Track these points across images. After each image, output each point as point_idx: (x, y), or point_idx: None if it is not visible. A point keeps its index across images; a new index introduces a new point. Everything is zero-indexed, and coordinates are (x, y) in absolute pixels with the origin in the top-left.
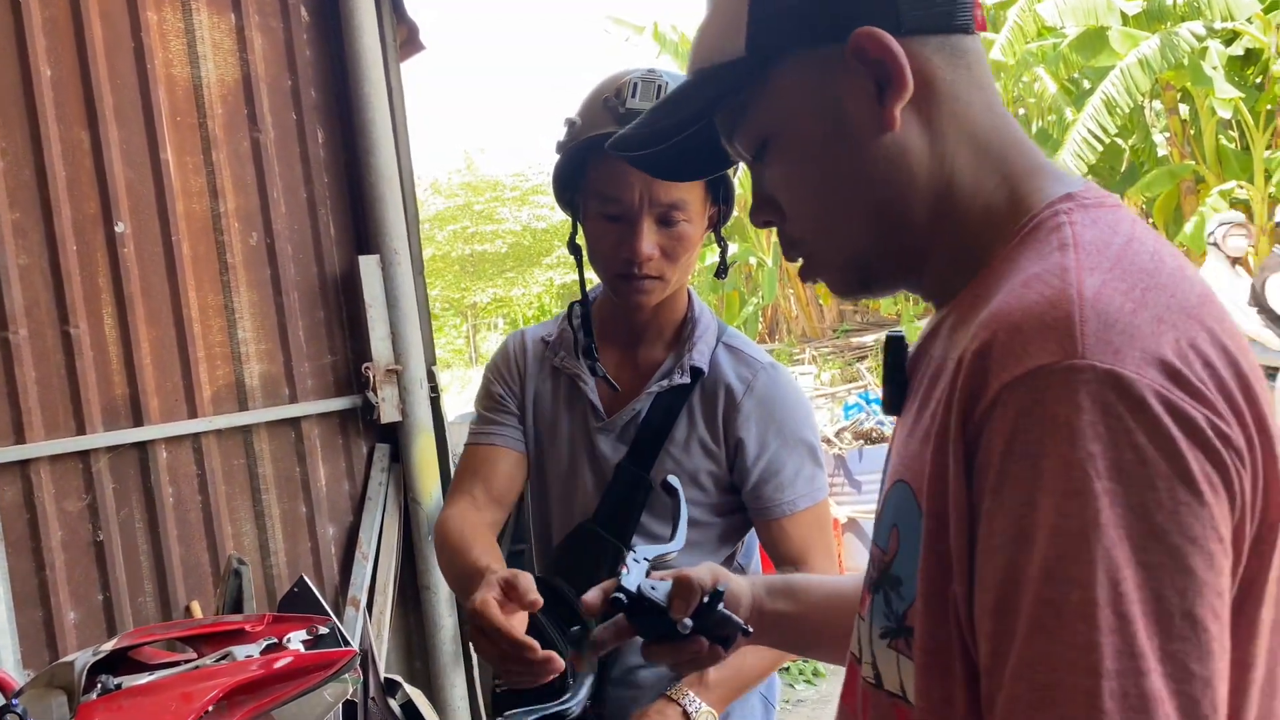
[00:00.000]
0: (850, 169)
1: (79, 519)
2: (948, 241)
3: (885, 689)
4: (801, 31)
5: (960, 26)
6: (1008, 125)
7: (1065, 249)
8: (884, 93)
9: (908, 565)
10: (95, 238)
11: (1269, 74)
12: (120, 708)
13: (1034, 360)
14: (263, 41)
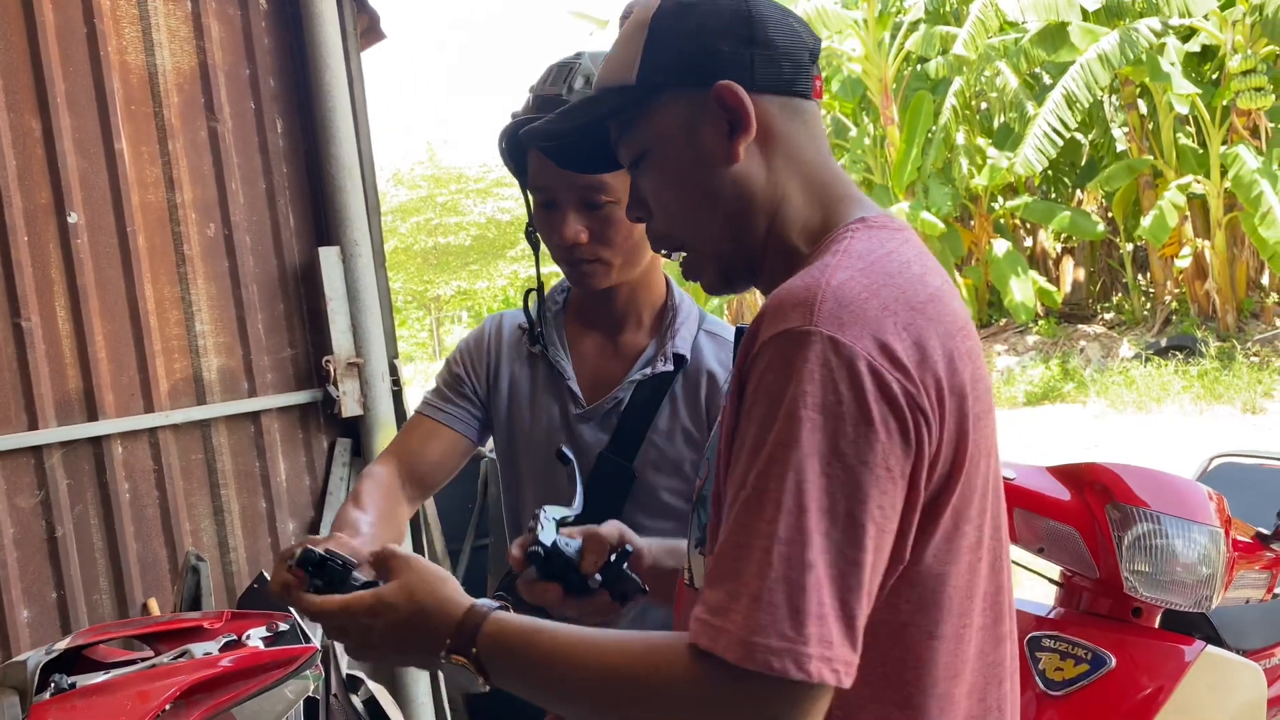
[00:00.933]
0: (704, 187)
1: (32, 516)
2: (776, 253)
3: (696, 587)
4: (680, 75)
5: (800, 92)
6: (831, 167)
7: (836, 254)
8: (734, 133)
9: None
10: (47, 228)
11: (1225, 70)
12: (74, 707)
13: (784, 325)
14: (220, 29)
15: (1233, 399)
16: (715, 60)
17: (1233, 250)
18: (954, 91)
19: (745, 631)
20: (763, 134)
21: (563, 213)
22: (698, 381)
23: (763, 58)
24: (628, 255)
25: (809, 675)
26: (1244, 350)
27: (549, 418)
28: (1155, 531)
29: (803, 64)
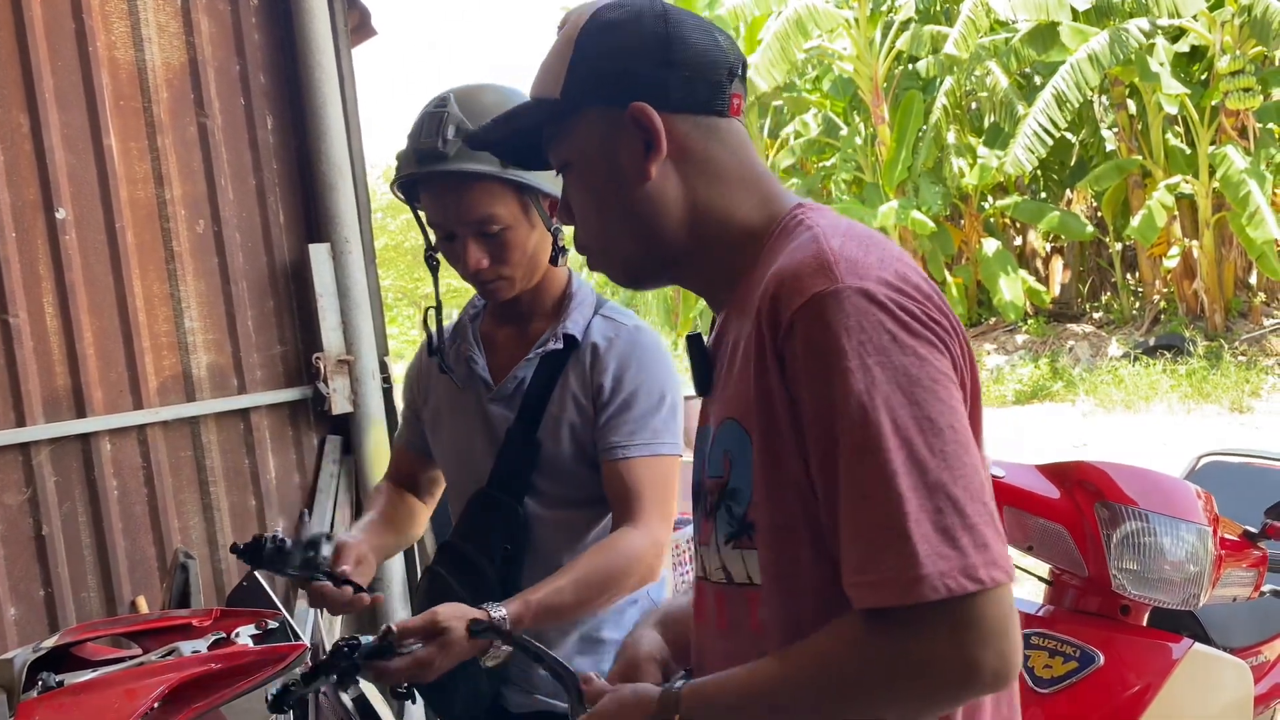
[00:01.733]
0: (618, 201)
1: (19, 513)
2: (710, 255)
3: (735, 583)
4: (599, 92)
5: (716, 111)
6: (755, 171)
7: (811, 229)
8: (648, 152)
9: (741, 476)
10: (35, 224)
11: (1213, 71)
12: (61, 705)
13: (810, 290)
14: (210, 24)
15: (1220, 398)
16: (632, 80)
17: (1221, 250)
18: (945, 91)
19: (907, 571)
20: (677, 152)
21: (463, 243)
22: (584, 353)
23: (677, 79)
24: (526, 269)
25: (983, 583)
26: (1231, 349)
27: (466, 406)
28: (1144, 530)
29: (718, 84)
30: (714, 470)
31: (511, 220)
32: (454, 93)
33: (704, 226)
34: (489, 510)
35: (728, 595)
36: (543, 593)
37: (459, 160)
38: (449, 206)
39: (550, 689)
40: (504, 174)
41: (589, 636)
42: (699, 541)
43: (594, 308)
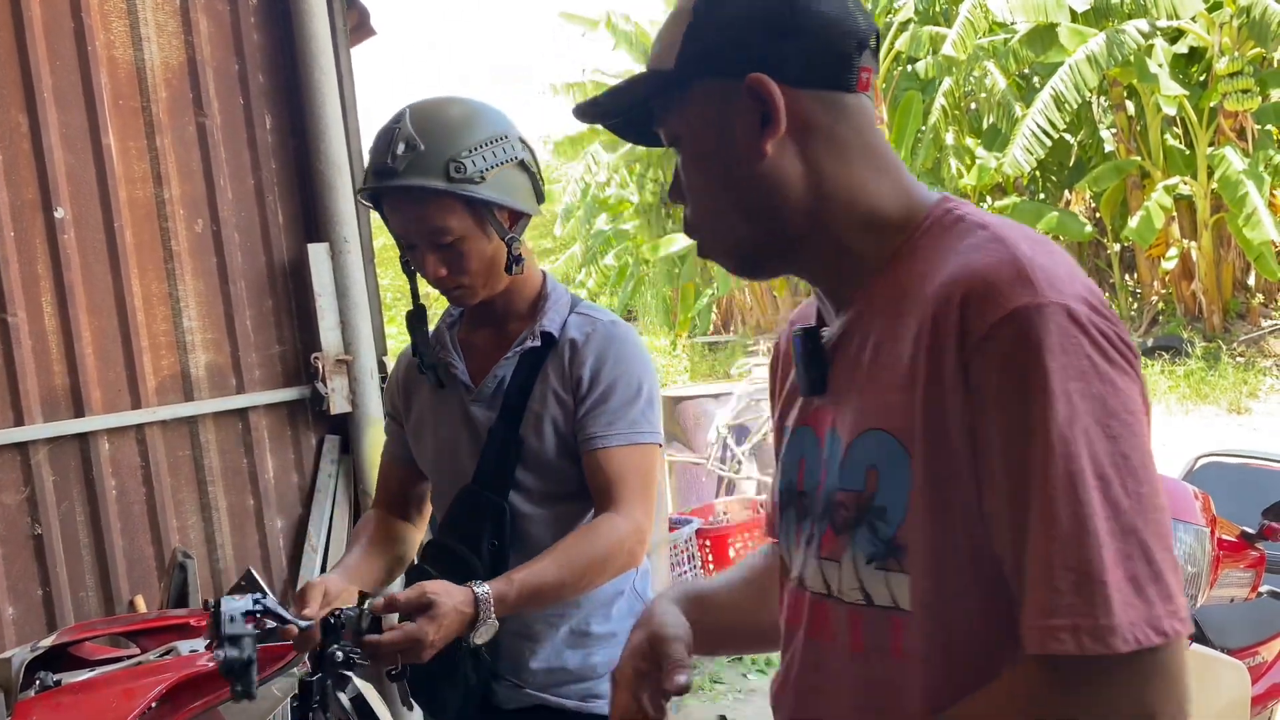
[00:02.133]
0: (732, 179)
1: (17, 512)
2: (835, 242)
3: (876, 605)
4: (716, 64)
5: (842, 86)
6: (885, 156)
7: (985, 228)
8: (764, 127)
9: (893, 494)
10: (34, 223)
11: (1212, 72)
12: (59, 705)
13: (1013, 303)
14: (208, 24)
15: (1218, 399)
16: (751, 52)
17: (1219, 251)
18: (943, 92)
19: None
20: (798, 130)
21: (421, 254)
22: (563, 349)
23: (800, 51)
24: (485, 277)
25: (1167, 635)
26: (1230, 350)
27: (449, 409)
28: None
29: (846, 57)
30: (850, 483)
31: (465, 231)
32: (410, 108)
33: (829, 210)
34: (475, 507)
35: (865, 618)
36: (526, 572)
37: (408, 176)
38: (404, 219)
39: (541, 682)
40: (451, 189)
41: (578, 630)
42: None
43: (570, 306)
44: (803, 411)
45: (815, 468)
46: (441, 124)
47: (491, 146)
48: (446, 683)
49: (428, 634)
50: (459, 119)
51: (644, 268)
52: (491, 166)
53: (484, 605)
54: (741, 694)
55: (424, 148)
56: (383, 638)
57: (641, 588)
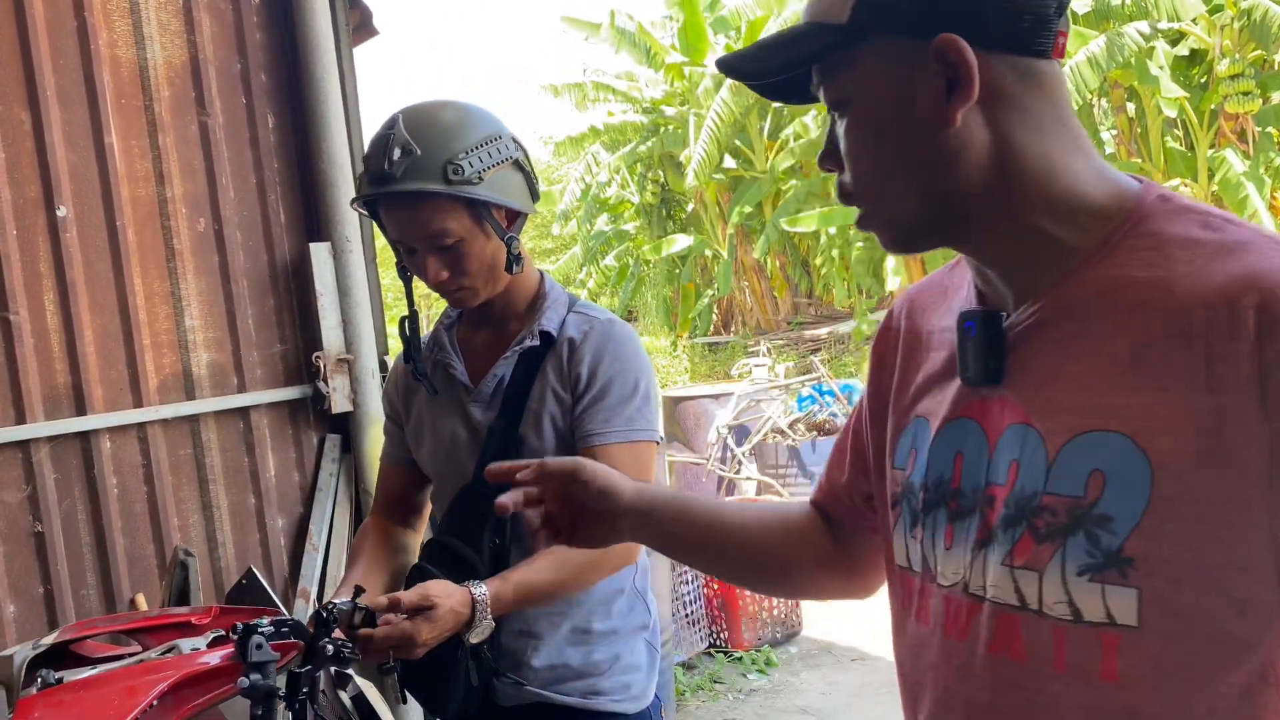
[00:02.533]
0: (909, 150)
1: (19, 510)
2: (1023, 218)
3: (1086, 621)
4: (898, 19)
5: (1037, 51)
6: (1076, 132)
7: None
8: (952, 93)
9: (1124, 502)
10: (36, 221)
11: (1213, 74)
12: (61, 702)
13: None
14: (211, 23)
15: None
16: (942, 7)
17: None
18: None
19: None
20: (988, 98)
21: (421, 258)
22: (561, 347)
23: (997, 9)
24: (486, 277)
25: None
26: None
27: (449, 410)
28: None
29: (1046, 18)
30: (1062, 487)
31: (465, 233)
32: (403, 113)
33: (1021, 187)
34: (475, 506)
35: (1071, 635)
36: (522, 572)
37: (406, 180)
38: (404, 224)
39: (543, 679)
40: (450, 191)
41: (579, 628)
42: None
43: (567, 306)
44: (959, 402)
45: (980, 466)
46: (436, 127)
47: (486, 147)
48: (447, 681)
49: (420, 631)
50: (452, 122)
51: (644, 268)
52: (488, 167)
53: (480, 606)
54: (742, 694)
55: (420, 152)
56: (375, 632)
57: (641, 585)
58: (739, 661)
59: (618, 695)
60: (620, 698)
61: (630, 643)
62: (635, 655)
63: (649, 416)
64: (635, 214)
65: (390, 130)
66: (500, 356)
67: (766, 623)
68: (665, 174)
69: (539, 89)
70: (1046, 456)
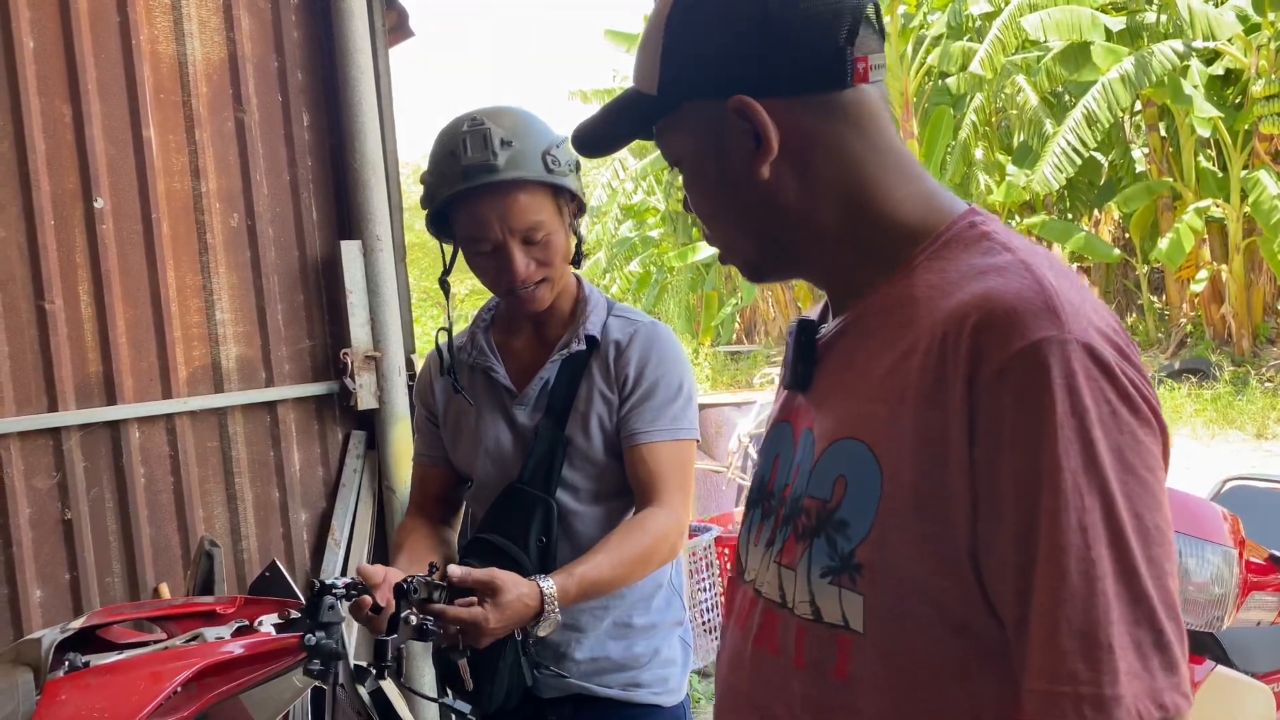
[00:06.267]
0: (732, 204)
1: (48, 497)
2: (845, 250)
3: (825, 621)
4: (699, 85)
5: (831, 85)
6: (901, 159)
7: (1010, 250)
8: (758, 148)
9: (859, 509)
10: (74, 213)
11: (1248, 94)
12: (88, 685)
13: (1034, 334)
14: (250, 21)
15: (1245, 424)
16: (730, 68)
17: (1250, 275)
18: (974, 107)
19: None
20: (793, 143)
21: (509, 253)
22: (607, 351)
23: (784, 58)
24: (560, 269)
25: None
26: (1259, 375)
27: (491, 413)
28: None
29: (836, 53)
30: (817, 490)
31: (552, 225)
32: (480, 112)
33: (837, 219)
34: (522, 504)
35: (811, 633)
36: (584, 567)
37: (509, 170)
38: (499, 216)
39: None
40: (550, 179)
41: (620, 621)
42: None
43: (607, 310)
44: (785, 407)
45: (787, 468)
46: (521, 123)
47: (562, 145)
48: (493, 673)
49: (490, 620)
50: (529, 120)
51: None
52: (571, 161)
53: (549, 600)
54: None
55: (518, 144)
56: (448, 608)
57: (677, 582)
58: None
59: (656, 688)
60: (659, 690)
61: (668, 637)
62: (672, 649)
63: (691, 416)
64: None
65: (479, 126)
66: (544, 360)
67: None
68: None
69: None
70: (813, 460)
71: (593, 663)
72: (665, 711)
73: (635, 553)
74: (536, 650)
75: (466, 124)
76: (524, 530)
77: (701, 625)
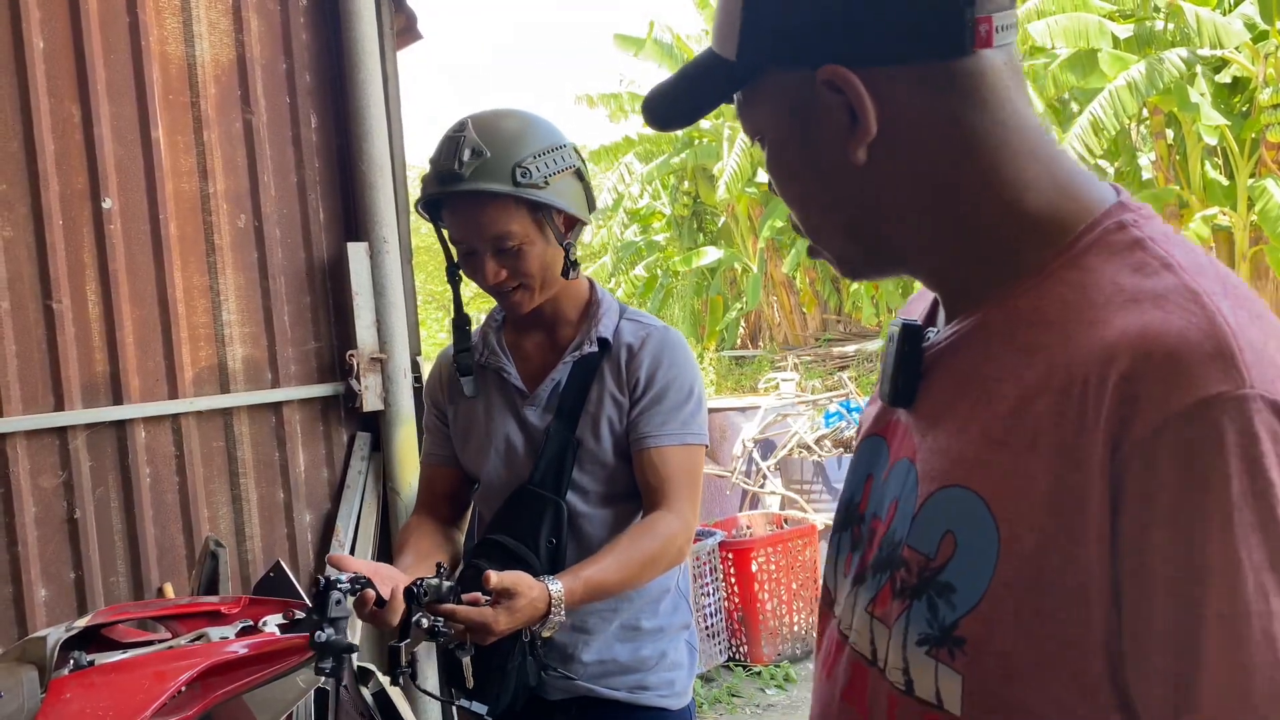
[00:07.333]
0: (821, 192)
1: (54, 496)
2: (959, 247)
3: (917, 696)
4: (783, 51)
5: (951, 53)
6: (1034, 137)
7: (1172, 270)
8: (854, 126)
9: (968, 574)
10: (82, 213)
11: (1255, 103)
12: (92, 684)
13: (1204, 390)
14: (259, 23)
15: None
16: (824, 32)
17: (1257, 283)
18: None
19: None
20: (897, 124)
21: (481, 259)
22: (619, 354)
23: (887, 21)
24: (542, 280)
25: None
26: None
27: (501, 412)
28: None
29: (952, 14)
30: (920, 543)
31: (526, 236)
32: (471, 118)
33: (952, 212)
34: (532, 506)
35: (902, 705)
36: (590, 569)
37: (474, 180)
38: (467, 224)
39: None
40: (517, 193)
41: (628, 625)
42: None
43: (619, 313)
44: (880, 419)
45: (880, 496)
46: (505, 132)
47: (552, 154)
48: (502, 674)
49: (499, 620)
50: (520, 128)
51: (673, 279)
52: (553, 173)
53: (557, 602)
54: (760, 709)
55: (490, 154)
56: (458, 608)
57: (684, 586)
58: (758, 676)
59: (663, 691)
60: (665, 693)
61: (675, 641)
62: (678, 653)
63: (701, 422)
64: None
65: (460, 133)
66: (556, 361)
67: (786, 638)
68: (697, 186)
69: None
70: (916, 502)
71: (600, 665)
72: (671, 715)
73: (642, 556)
74: (544, 652)
75: (452, 129)
76: (534, 532)
77: (705, 630)
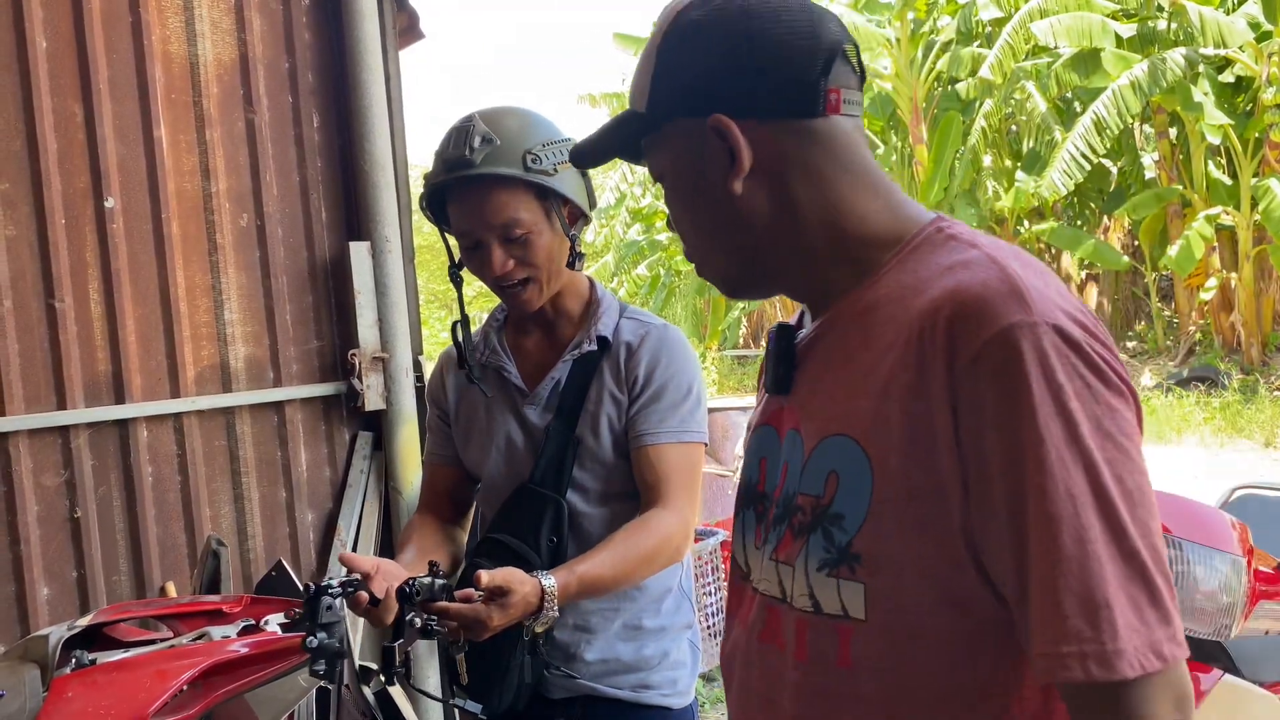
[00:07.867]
0: (708, 218)
1: (56, 494)
2: (819, 265)
3: (825, 613)
4: (683, 103)
5: (808, 114)
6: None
7: (976, 247)
8: (732, 166)
9: (853, 502)
10: (84, 212)
11: (1258, 102)
12: (94, 683)
13: (1005, 319)
14: (261, 22)
15: (1254, 433)
16: (713, 90)
17: (1260, 283)
18: (983, 113)
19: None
20: (768, 163)
21: (488, 249)
22: (618, 352)
23: (763, 85)
24: (550, 269)
25: (1167, 660)
26: (1268, 384)
27: (501, 411)
28: (1177, 558)
29: (810, 85)
30: (810, 487)
31: (534, 224)
32: (477, 112)
33: (810, 236)
34: (532, 504)
35: (812, 625)
36: (585, 565)
37: (486, 165)
38: (476, 212)
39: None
40: (527, 177)
41: (631, 624)
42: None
43: (619, 311)
44: (766, 410)
45: (775, 468)
46: (513, 122)
47: (557, 144)
48: (504, 673)
49: (492, 617)
50: (525, 120)
51: (675, 279)
52: (561, 162)
53: (549, 597)
54: None
55: (500, 141)
56: (450, 606)
57: (686, 585)
58: None
59: (666, 690)
60: (668, 692)
61: (677, 640)
62: (681, 652)
63: (700, 419)
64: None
65: (468, 123)
66: (555, 360)
67: None
68: None
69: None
70: (803, 459)
71: (603, 664)
72: (674, 714)
73: (638, 553)
74: (546, 651)
75: (460, 121)
76: (535, 530)
77: (707, 629)
